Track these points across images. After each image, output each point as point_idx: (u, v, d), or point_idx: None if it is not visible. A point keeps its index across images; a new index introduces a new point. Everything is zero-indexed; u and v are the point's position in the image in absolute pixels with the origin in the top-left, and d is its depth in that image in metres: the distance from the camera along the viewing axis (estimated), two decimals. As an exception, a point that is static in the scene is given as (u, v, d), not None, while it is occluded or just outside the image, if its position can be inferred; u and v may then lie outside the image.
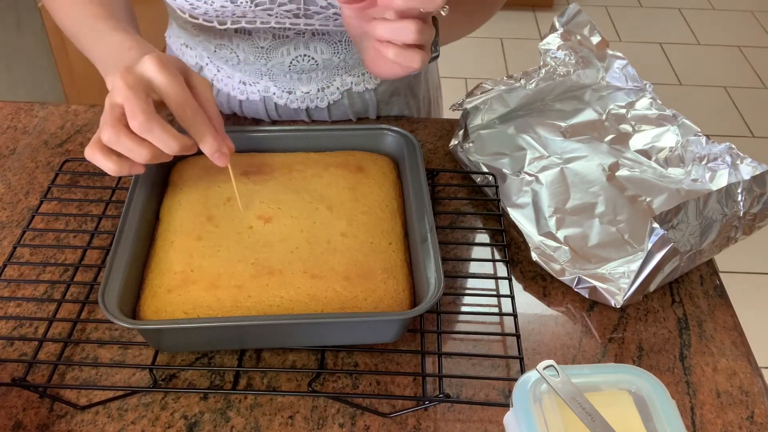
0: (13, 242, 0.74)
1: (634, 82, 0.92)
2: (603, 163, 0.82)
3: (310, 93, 0.89)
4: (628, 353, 0.66)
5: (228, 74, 0.90)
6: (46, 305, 0.69)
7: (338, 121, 0.93)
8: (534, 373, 0.53)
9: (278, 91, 0.89)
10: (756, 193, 0.70)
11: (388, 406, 0.62)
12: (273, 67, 0.86)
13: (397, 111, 0.96)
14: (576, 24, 0.93)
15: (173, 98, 0.62)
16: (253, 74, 0.88)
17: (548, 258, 0.72)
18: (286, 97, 0.89)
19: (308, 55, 0.84)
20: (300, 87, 0.88)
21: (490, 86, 0.84)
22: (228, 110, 0.94)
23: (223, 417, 0.60)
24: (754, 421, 0.61)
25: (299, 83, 0.88)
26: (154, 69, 0.61)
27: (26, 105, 0.94)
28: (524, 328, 0.68)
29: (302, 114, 0.91)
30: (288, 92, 0.89)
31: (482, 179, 0.81)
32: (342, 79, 0.88)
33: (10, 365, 0.63)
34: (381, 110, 0.94)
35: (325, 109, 0.91)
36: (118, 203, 0.77)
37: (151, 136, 0.60)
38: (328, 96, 0.89)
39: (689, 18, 3.34)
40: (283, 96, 0.89)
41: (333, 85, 0.89)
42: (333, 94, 0.89)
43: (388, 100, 0.94)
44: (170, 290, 0.63)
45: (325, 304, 0.62)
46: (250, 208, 0.69)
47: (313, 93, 0.89)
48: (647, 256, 0.65)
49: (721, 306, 0.71)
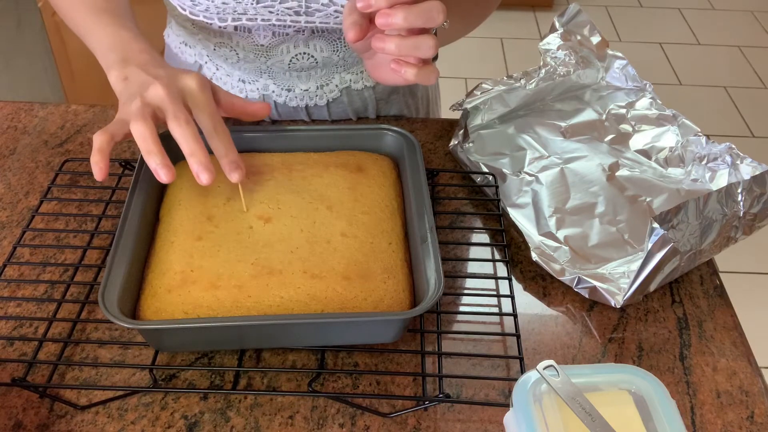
0: (13, 242, 0.74)
1: (634, 82, 0.92)
2: (603, 163, 0.82)
3: (309, 90, 0.89)
4: (628, 353, 0.66)
5: (227, 72, 0.90)
6: (46, 305, 0.69)
7: (338, 120, 0.93)
8: (534, 373, 0.53)
9: (277, 89, 0.89)
10: (756, 193, 0.70)
11: (388, 406, 0.62)
12: (272, 65, 0.86)
13: (396, 110, 0.96)
14: (576, 24, 0.93)
15: (207, 114, 0.66)
16: (252, 72, 0.88)
17: (548, 258, 0.72)
18: (285, 95, 0.89)
19: (308, 53, 0.84)
20: (299, 84, 0.88)
21: (490, 86, 0.84)
22: None
23: (223, 417, 0.60)
24: (754, 421, 0.61)
25: (298, 81, 0.88)
26: (196, 87, 0.66)
27: (26, 105, 0.94)
28: (524, 328, 0.68)
29: (302, 113, 0.91)
30: (287, 90, 0.89)
31: (482, 179, 0.81)
32: (341, 77, 0.89)
33: (10, 365, 0.63)
34: (380, 109, 0.94)
35: (324, 107, 0.91)
36: (118, 203, 0.77)
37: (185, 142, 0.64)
38: (327, 94, 0.89)
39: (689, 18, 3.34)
40: (282, 94, 0.89)
41: (332, 83, 0.89)
42: (332, 92, 0.89)
43: (388, 99, 0.94)
44: (170, 290, 0.63)
45: (325, 304, 0.62)
46: (250, 208, 0.69)
47: (312, 90, 0.89)
48: (647, 256, 0.65)
49: (721, 306, 0.71)
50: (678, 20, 3.33)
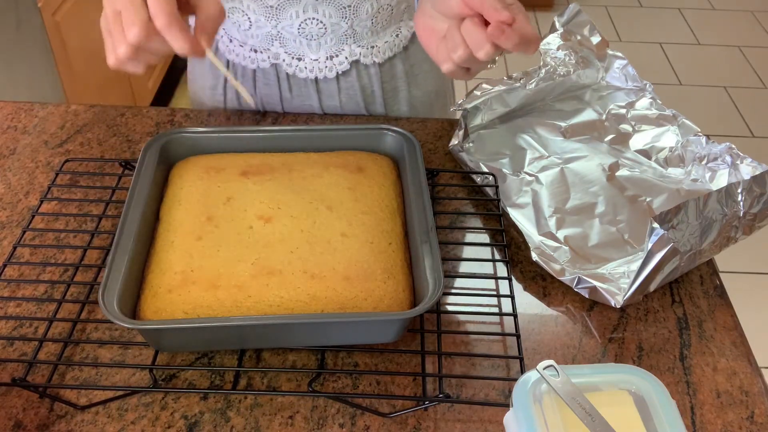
0: (13, 242, 0.74)
1: (634, 82, 0.92)
2: (603, 163, 0.82)
3: (319, 61, 0.91)
4: (628, 353, 0.66)
5: (240, 43, 0.92)
6: (46, 305, 0.69)
7: (337, 118, 0.93)
8: (534, 373, 0.53)
9: (288, 57, 0.91)
10: (756, 193, 0.70)
11: (388, 406, 0.62)
12: (283, 29, 0.88)
13: (404, 91, 0.96)
14: (576, 24, 0.93)
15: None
16: (263, 40, 0.90)
17: (548, 258, 0.72)
18: (295, 65, 0.91)
19: (317, 18, 0.86)
20: (309, 54, 0.90)
21: (490, 86, 0.84)
22: (239, 104, 0.97)
23: (223, 417, 0.60)
24: (754, 421, 0.61)
25: (308, 50, 0.90)
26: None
27: (26, 105, 0.94)
28: (524, 328, 0.68)
29: (311, 88, 0.93)
30: (297, 59, 0.91)
31: (482, 179, 0.81)
32: (350, 49, 0.90)
33: (10, 365, 0.63)
34: (386, 89, 0.95)
35: (333, 81, 0.92)
36: (118, 203, 0.77)
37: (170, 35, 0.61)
38: (337, 66, 0.91)
39: (689, 18, 3.34)
40: (293, 63, 0.91)
41: (341, 55, 0.91)
42: (342, 64, 0.91)
43: (391, 80, 0.95)
44: (170, 290, 0.63)
45: (325, 304, 0.62)
46: (250, 208, 0.69)
47: (322, 61, 0.91)
48: (647, 256, 0.65)
49: (721, 306, 0.71)
50: (678, 20, 3.33)
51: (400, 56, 0.94)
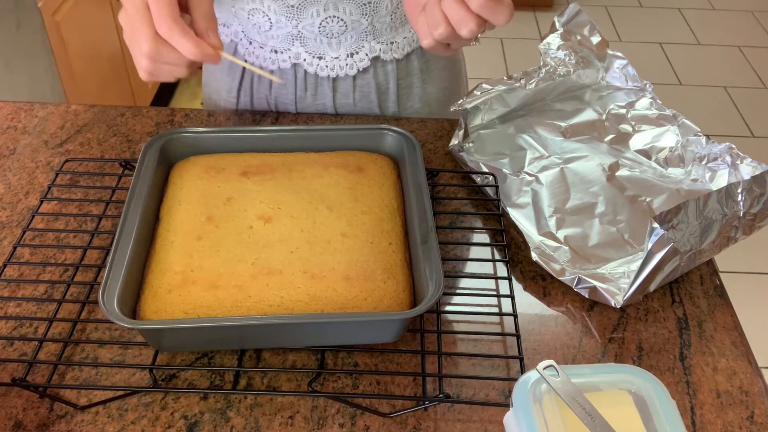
0: (13, 242, 0.74)
1: (634, 82, 0.92)
2: (603, 163, 0.82)
3: (340, 59, 0.91)
4: (628, 353, 0.66)
5: (260, 44, 0.92)
6: (46, 305, 0.69)
7: (339, 117, 0.93)
8: (534, 373, 0.53)
9: (308, 57, 0.91)
10: (756, 193, 0.70)
11: (388, 406, 0.62)
12: (303, 29, 0.88)
13: (418, 87, 0.96)
14: (576, 24, 0.93)
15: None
16: (284, 40, 0.90)
17: (548, 258, 0.72)
18: (316, 64, 0.91)
19: (337, 17, 0.86)
20: (330, 52, 0.91)
21: (490, 86, 0.84)
22: (251, 106, 0.97)
23: (223, 417, 0.60)
24: (754, 421, 0.61)
25: (329, 48, 0.90)
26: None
27: (26, 105, 0.94)
28: (524, 328, 0.68)
29: (327, 88, 0.93)
30: (318, 57, 0.91)
31: (482, 179, 0.81)
32: (371, 46, 0.91)
33: (10, 365, 0.63)
34: (401, 86, 0.95)
35: (350, 78, 0.93)
36: (118, 203, 0.77)
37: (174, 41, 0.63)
38: (357, 63, 0.91)
39: (689, 18, 3.34)
40: (314, 62, 0.91)
41: (362, 51, 0.91)
42: (362, 61, 0.91)
43: (406, 77, 0.96)
44: (170, 290, 0.63)
45: (325, 304, 0.62)
46: (250, 208, 0.69)
47: (342, 59, 0.91)
48: (647, 256, 0.65)
49: (721, 306, 0.71)
50: (678, 20, 3.33)
51: (417, 52, 0.94)
